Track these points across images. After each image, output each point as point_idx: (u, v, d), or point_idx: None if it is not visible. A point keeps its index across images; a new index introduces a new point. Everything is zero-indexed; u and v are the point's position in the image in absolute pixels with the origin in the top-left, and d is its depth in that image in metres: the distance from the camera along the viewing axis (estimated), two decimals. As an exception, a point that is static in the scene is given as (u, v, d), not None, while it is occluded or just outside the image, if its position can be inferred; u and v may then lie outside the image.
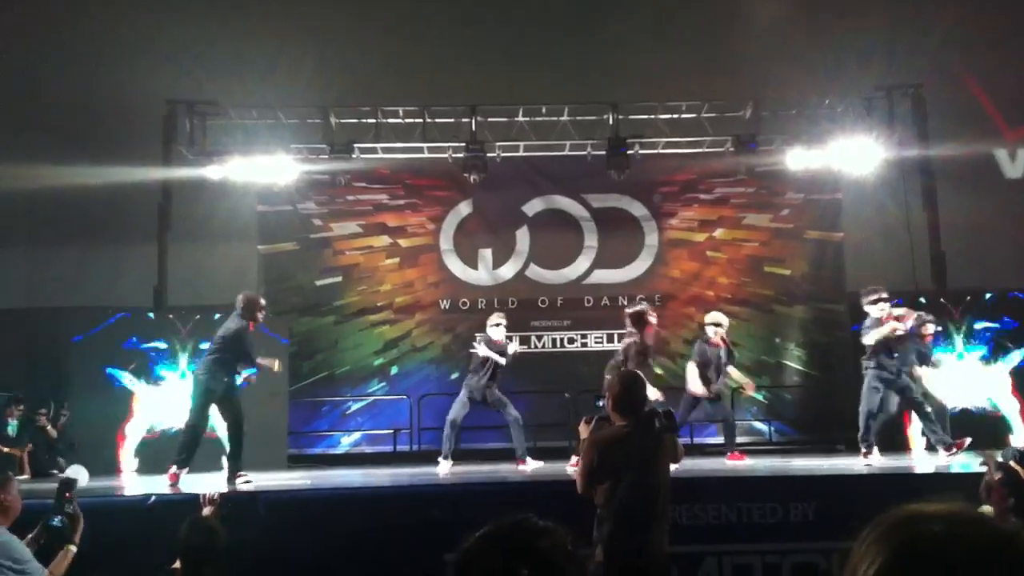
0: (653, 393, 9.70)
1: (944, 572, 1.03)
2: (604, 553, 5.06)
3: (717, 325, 10.64)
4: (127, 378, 11.89)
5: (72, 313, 12.37)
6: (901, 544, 1.08)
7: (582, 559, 1.62)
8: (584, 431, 5.41)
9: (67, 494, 5.43)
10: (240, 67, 13.26)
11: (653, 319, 9.57)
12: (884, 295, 9.51)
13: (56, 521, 5.27)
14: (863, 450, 9.38)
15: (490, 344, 10.44)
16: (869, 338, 9.41)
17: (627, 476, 5.03)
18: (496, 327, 10.49)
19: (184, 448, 8.89)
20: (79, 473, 6.24)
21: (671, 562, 5.32)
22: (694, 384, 10.33)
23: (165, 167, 13.12)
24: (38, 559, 5.04)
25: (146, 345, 12.03)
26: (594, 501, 5.14)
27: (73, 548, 5.20)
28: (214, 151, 13.02)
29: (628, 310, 9.75)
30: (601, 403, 5.61)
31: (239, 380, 9.27)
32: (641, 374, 5.81)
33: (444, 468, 10.13)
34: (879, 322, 9.43)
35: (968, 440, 9.21)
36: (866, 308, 9.58)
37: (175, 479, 8.65)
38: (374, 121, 13.18)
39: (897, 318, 9.48)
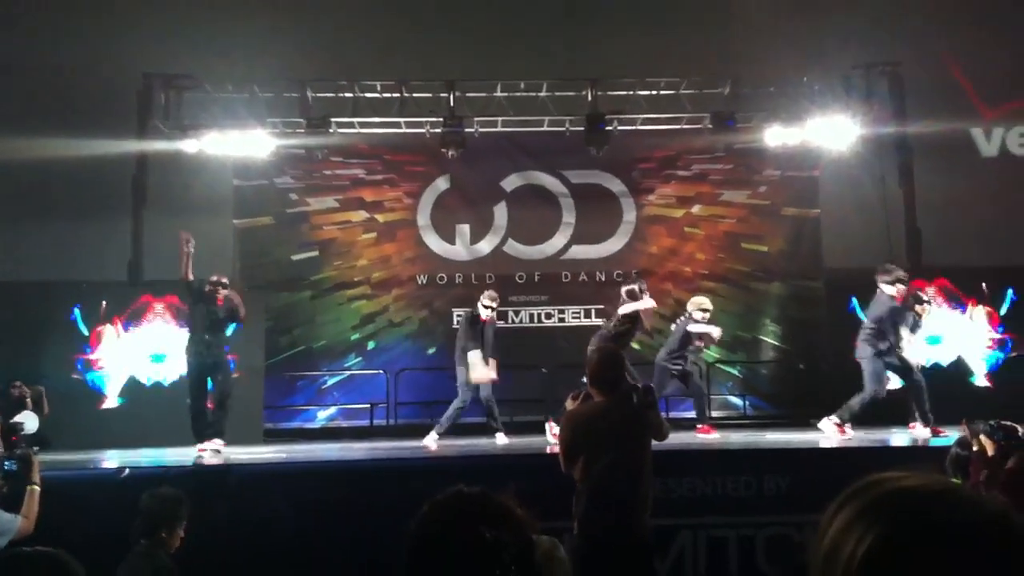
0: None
1: (940, 552, 1.02)
2: (580, 528, 5.08)
3: (705, 311, 10.75)
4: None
5: (47, 288, 12.28)
6: (893, 522, 1.06)
7: (526, 514, 1.69)
8: (570, 405, 5.42)
9: (13, 437, 5.47)
10: (217, 40, 13.12)
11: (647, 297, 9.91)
12: (902, 275, 9.63)
13: (9, 465, 5.27)
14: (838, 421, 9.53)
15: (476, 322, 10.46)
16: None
17: (604, 452, 5.03)
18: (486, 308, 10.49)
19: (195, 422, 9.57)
20: (26, 419, 6.23)
21: (650, 540, 5.34)
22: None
23: (140, 140, 12.99)
24: (6, 507, 5.03)
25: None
26: (573, 475, 5.15)
27: (36, 487, 5.19)
28: (190, 125, 12.89)
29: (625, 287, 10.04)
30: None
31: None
32: (619, 350, 5.84)
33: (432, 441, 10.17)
34: (893, 300, 9.55)
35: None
36: (882, 286, 9.67)
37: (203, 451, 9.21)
38: (351, 95, 13.07)
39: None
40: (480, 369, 10.21)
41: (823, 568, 1.10)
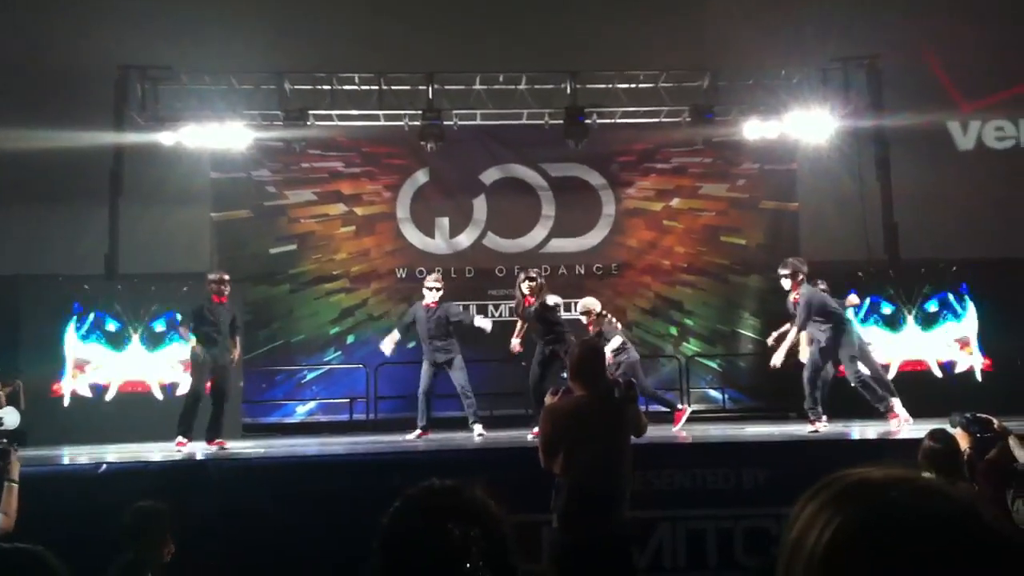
0: None
1: (902, 540, 1.01)
2: (560, 522, 5.08)
3: (585, 313, 10.71)
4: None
5: (24, 281, 12.18)
6: (856, 511, 1.06)
7: (499, 509, 1.69)
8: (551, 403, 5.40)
9: None
10: (194, 32, 13.04)
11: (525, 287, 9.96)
12: (790, 271, 9.63)
13: None
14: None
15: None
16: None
17: (584, 446, 5.02)
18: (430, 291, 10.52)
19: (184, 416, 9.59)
20: (7, 415, 6.15)
21: (629, 535, 5.34)
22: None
23: (117, 132, 12.89)
24: None
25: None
26: (553, 470, 5.14)
27: (15, 484, 5.09)
28: (167, 116, 12.81)
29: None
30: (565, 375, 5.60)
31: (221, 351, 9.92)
32: (599, 345, 5.85)
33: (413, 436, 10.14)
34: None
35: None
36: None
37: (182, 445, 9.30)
38: (329, 88, 13.01)
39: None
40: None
41: (788, 559, 1.10)
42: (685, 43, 13.75)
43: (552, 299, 10.26)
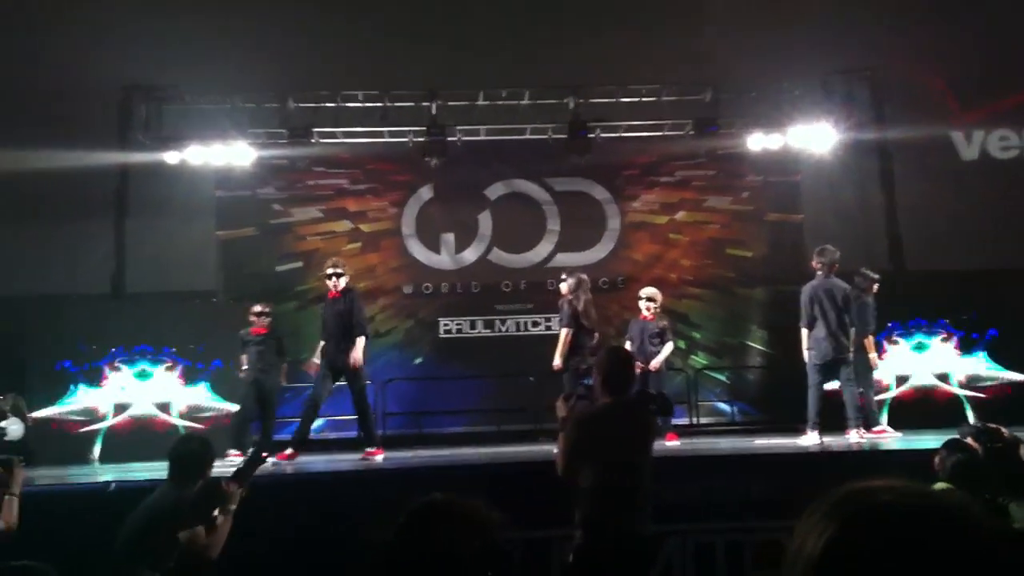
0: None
1: (893, 541, 1.05)
2: (585, 535, 4.98)
3: (650, 300, 10.82)
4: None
5: (30, 302, 12.18)
6: (850, 515, 1.10)
7: (501, 521, 1.71)
8: (562, 409, 5.33)
9: None
10: (197, 52, 13.07)
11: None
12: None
13: None
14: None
15: None
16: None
17: (611, 455, 4.94)
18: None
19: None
20: (11, 424, 6.13)
21: (654, 542, 5.29)
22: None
23: (122, 152, 12.94)
24: None
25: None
26: (575, 481, 5.04)
27: (15, 497, 5.05)
28: (171, 136, 12.86)
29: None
30: (588, 381, 5.56)
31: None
32: (628, 351, 5.82)
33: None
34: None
35: None
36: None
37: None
38: (333, 105, 13.05)
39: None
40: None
41: (790, 566, 1.14)
42: (687, 57, 13.75)
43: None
